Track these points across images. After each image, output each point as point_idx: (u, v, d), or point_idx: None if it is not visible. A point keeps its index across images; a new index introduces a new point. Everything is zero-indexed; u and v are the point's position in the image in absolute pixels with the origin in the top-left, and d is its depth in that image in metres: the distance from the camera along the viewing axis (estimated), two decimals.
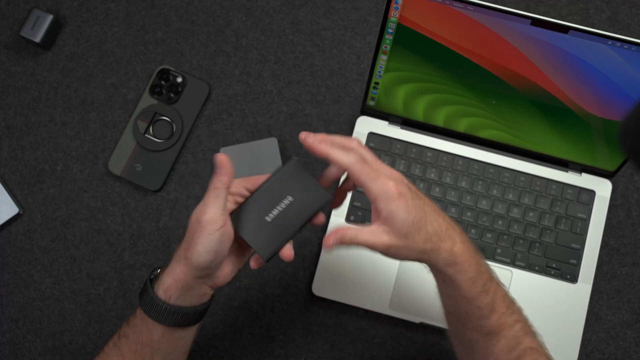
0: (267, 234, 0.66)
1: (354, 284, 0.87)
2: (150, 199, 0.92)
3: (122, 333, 0.68)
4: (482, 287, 0.65)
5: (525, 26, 0.75)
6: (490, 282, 0.66)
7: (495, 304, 0.66)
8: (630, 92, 0.78)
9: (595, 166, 0.89)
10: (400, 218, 0.62)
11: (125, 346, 0.67)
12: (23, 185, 0.92)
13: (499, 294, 0.67)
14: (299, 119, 0.94)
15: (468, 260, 0.65)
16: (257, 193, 0.67)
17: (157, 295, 0.65)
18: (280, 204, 0.67)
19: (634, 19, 0.96)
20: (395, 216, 0.63)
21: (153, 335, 0.66)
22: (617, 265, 0.90)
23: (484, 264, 0.67)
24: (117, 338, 0.69)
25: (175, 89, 0.93)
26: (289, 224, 0.67)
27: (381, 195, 0.63)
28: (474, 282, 0.64)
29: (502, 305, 0.66)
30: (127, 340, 0.67)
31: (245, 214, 0.66)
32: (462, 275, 0.64)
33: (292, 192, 0.67)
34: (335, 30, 0.96)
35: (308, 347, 0.88)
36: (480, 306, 0.65)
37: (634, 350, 0.88)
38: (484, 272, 0.66)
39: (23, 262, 0.90)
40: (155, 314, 0.65)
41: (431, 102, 0.86)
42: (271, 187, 0.67)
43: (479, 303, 0.65)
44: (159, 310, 0.65)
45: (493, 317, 0.65)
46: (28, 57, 0.95)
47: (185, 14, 0.96)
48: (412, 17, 0.77)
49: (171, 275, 0.65)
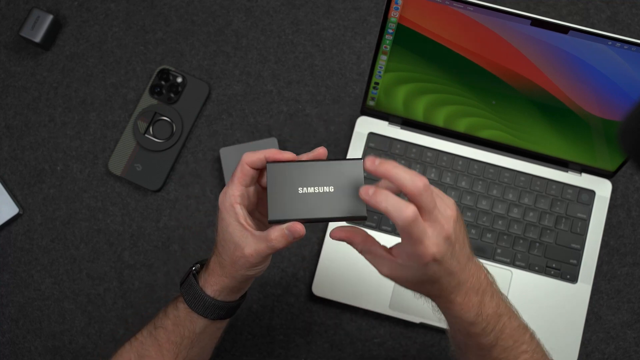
0: (288, 201, 0.64)
1: (354, 284, 0.87)
2: (150, 199, 0.92)
3: (159, 324, 0.70)
4: (482, 331, 0.64)
5: (525, 26, 0.75)
6: (497, 321, 0.64)
7: (499, 340, 0.65)
8: (630, 92, 0.78)
9: (595, 166, 0.89)
10: (416, 276, 0.61)
11: (164, 336, 0.69)
12: (23, 185, 0.92)
13: (507, 331, 0.65)
14: (299, 119, 0.94)
15: (469, 307, 0.63)
16: (307, 163, 0.64)
17: (206, 292, 0.67)
18: (320, 186, 0.64)
19: (634, 19, 0.96)
20: (412, 271, 0.61)
21: (196, 328, 0.69)
22: (617, 265, 0.90)
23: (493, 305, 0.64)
24: (152, 328, 0.70)
25: (175, 89, 0.93)
26: (314, 208, 0.64)
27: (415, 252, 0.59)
28: (472, 324, 0.64)
29: (508, 340, 0.65)
30: (165, 331, 0.69)
31: (283, 172, 0.64)
32: (461, 317, 0.64)
33: (337, 185, 0.64)
34: (335, 30, 0.96)
35: (308, 347, 0.88)
36: (481, 343, 0.65)
37: (634, 350, 0.88)
38: (481, 313, 0.64)
39: (23, 262, 0.90)
40: (202, 309, 0.67)
41: (431, 102, 0.86)
42: (323, 168, 0.64)
43: (479, 340, 0.65)
44: (207, 306, 0.67)
45: (494, 351, 0.65)
46: (28, 57, 0.95)
47: (185, 14, 0.96)
48: (412, 17, 0.77)
49: (219, 281, 0.67)
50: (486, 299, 0.64)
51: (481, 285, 0.64)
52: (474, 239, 0.88)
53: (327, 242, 0.88)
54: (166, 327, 0.69)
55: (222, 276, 0.66)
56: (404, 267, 0.61)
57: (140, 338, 0.71)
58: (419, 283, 0.62)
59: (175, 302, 0.69)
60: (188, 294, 0.68)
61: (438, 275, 0.61)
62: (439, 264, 0.60)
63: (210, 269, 0.67)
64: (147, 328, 0.71)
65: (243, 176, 0.65)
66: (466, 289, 0.63)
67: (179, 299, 0.69)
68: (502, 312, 0.65)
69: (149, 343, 0.70)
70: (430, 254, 0.58)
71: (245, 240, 0.64)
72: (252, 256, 0.64)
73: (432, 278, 0.61)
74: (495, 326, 0.64)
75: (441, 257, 0.59)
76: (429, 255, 0.58)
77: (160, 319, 0.70)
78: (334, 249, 0.88)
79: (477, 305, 0.63)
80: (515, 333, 0.65)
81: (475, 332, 0.64)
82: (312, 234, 0.90)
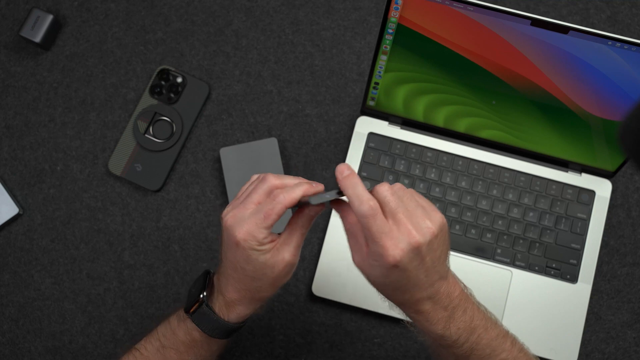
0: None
1: (354, 284, 0.87)
2: (150, 199, 0.92)
3: (168, 344, 0.68)
4: (453, 343, 0.63)
5: (525, 26, 0.74)
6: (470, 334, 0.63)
7: (474, 350, 0.64)
8: (630, 92, 0.78)
9: (595, 166, 0.89)
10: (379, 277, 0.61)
11: (175, 356, 0.68)
12: (23, 185, 0.92)
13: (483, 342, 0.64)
14: (299, 119, 0.94)
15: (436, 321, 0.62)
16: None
17: (230, 322, 0.66)
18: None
19: (634, 19, 0.96)
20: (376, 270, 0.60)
21: (213, 347, 0.68)
22: (617, 265, 0.90)
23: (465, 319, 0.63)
24: (159, 345, 0.68)
25: (175, 89, 0.93)
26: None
27: (376, 250, 0.59)
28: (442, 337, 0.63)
29: (485, 350, 0.64)
30: (177, 352, 0.67)
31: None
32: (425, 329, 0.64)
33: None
34: (335, 30, 0.96)
35: (308, 347, 0.88)
36: (457, 354, 0.64)
37: (634, 350, 0.88)
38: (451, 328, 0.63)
39: (23, 262, 0.90)
40: (226, 334, 0.67)
41: (431, 102, 0.86)
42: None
43: (454, 350, 0.64)
44: (231, 331, 0.67)
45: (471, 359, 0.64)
46: (28, 57, 0.95)
47: (185, 14, 0.96)
48: (412, 17, 0.77)
49: (250, 307, 0.66)
50: (457, 314, 0.63)
51: (452, 302, 0.62)
52: (474, 239, 0.88)
53: (327, 242, 0.88)
54: (177, 348, 0.67)
55: (254, 302, 0.65)
56: (371, 265, 0.60)
57: (145, 353, 0.69)
58: (382, 285, 0.62)
59: (186, 326, 0.67)
60: (205, 324, 0.66)
61: (401, 284, 0.60)
62: (402, 272, 0.59)
63: (234, 300, 0.65)
64: (152, 343, 0.69)
65: (276, 218, 0.61)
66: (432, 303, 0.62)
67: (190, 325, 0.67)
68: (477, 324, 0.64)
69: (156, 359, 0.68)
70: (391, 256, 0.58)
71: (280, 252, 0.62)
72: (295, 256, 0.63)
73: (394, 284, 0.60)
74: (469, 338, 0.63)
75: (404, 265, 0.58)
76: (390, 257, 0.58)
77: (167, 339, 0.68)
78: (334, 249, 0.88)
79: (444, 320, 0.62)
80: (492, 343, 0.64)
81: (447, 344, 0.63)
82: (312, 233, 0.90)
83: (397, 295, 0.62)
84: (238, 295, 0.65)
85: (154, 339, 0.69)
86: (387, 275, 0.59)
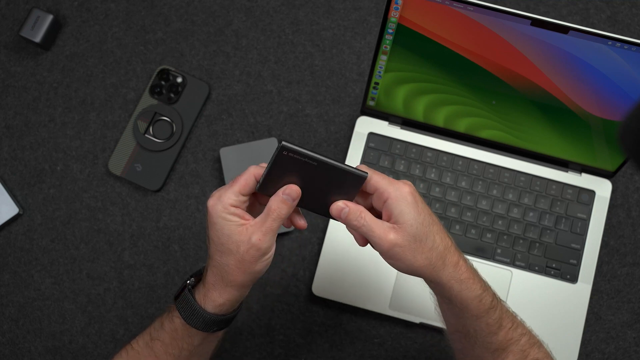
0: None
1: (354, 284, 0.87)
2: (150, 199, 0.92)
3: (156, 335, 0.68)
4: (490, 304, 0.65)
5: (525, 26, 0.75)
6: (495, 299, 0.66)
7: (502, 320, 0.65)
8: (630, 92, 0.78)
9: (595, 166, 0.89)
10: (412, 217, 0.62)
11: (161, 349, 0.67)
12: (23, 185, 0.92)
13: (504, 309, 0.67)
14: (299, 119, 0.94)
15: (473, 277, 0.64)
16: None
17: (207, 309, 0.65)
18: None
19: (634, 19, 0.96)
20: (406, 216, 0.62)
21: (195, 341, 0.67)
22: (617, 265, 0.90)
23: (486, 281, 0.67)
24: (148, 338, 0.68)
25: (175, 89, 0.93)
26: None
27: (395, 194, 0.63)
28: (481, 300, 0.64)
29: (508, 321, 0.66)
30: (162, 343, 0.67)
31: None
32: (468, 292, 0.64)
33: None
34: (335, 30, 0.96)
35: (308, 347, 0.88)
36: (490, 323, 0.65)
37: (634, 350, 0.88)
38: (488, 288, 0.66)
39: (23, 262, 0.90)
40: (202, 325, 0.66)
41: (431, 102, 0.86)
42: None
43: (488, 320, 0.65)
44: (207, 322, 0.66)
45: (501, 333, 0.65)
46: (28, 57, 0.95)
47: (185, 14, 0.96)
48: (412, 17, 0.77)
49: (223, 294, 0.65)
50: (473, 267, 0.67)
51: (465, 257, 0.67)
52: (474, 239, 0.88)
53: (327, 242, 0.88)
54: (163, 339, 0.67)
55: (226, 287, 0.64)
56: (396, 227, 0.63)
57: (136, 347, 0.69)
58: (415, 238, 0.63)
59: (171, 315, 0.67)
60: (185, 310, 0.66)
61: (422, 220, 0.63)
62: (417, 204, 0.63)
63: (209, 284, 0.65)
64: (143, 337, 0.69)
65: (246, 186, 0.63)
66: (464, 261, 0.65)
67: (175, 313, 0.67)
68: (493, 289, 0.67)
69: (146, 354, 0.68)
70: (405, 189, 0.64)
71: (247, 231, 0.62)
72: (261, 240, 0.62)
73: (423, 226, 0.63)
74: (497, 303, 0.66)
75: (416, 195, 0.64)
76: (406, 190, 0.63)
77: (156, 330, 0.68)
78: (334, 249, 0.88)
79: (474, 272, 0.65)
80: (509, 314, 0.67)
81: (484, 308, 0.64)
82: (312, 233, 0.90)
83: (433, 250, 0.63)
84: (212, 278, 0.65)
85: (146, 333, 0.69)
86: (417, 212, 0.63)
